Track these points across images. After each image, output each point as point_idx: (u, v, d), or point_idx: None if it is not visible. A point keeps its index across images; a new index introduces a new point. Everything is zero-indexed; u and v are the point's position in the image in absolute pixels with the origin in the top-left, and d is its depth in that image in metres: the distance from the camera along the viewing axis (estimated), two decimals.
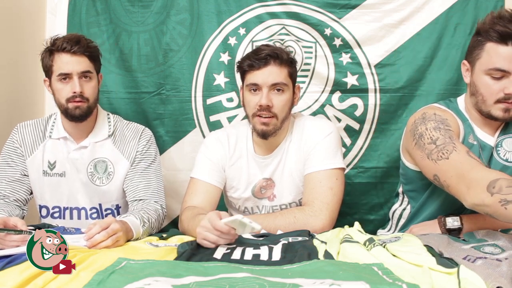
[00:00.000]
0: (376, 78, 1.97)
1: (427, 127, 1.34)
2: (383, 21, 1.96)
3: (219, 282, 0.84)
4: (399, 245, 1.11)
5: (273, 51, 1.50)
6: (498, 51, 1.28)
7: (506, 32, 1.25)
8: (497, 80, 1.29)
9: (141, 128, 1.71)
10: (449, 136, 1.29)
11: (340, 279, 0.81)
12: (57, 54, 1.55)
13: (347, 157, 2.00)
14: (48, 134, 1.65)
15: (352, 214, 1.97)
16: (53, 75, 1.56)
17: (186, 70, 2.04)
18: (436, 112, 1.39)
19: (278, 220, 1.43)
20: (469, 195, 1.15)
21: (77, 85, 1.54)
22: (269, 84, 1.49)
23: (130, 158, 1.64)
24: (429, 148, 1.31)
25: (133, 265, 0.96)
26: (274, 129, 1.51)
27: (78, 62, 1.55)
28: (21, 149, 1.64)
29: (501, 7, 1.91)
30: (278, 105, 1.50)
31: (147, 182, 1.63)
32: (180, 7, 2.04)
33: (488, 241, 1.12)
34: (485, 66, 1.31)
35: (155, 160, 1.68)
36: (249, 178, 1.61)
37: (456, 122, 1.39)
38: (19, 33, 1.98)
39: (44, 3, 2.12)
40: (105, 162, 1.64)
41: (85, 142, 1.63)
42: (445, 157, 1.26)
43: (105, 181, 1.64)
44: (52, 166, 1.64)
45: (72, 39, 1.56)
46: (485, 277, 0.85)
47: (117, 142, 1.66)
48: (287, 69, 1.52)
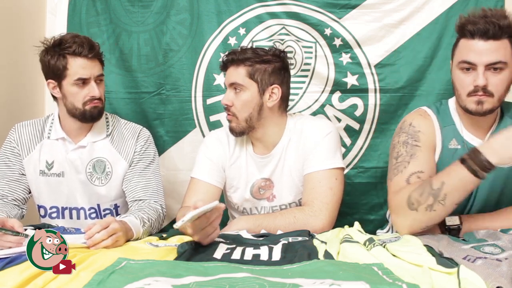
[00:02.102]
0: (376, 78, 1.97)
1: (399, 139, 1.42)
2: (383, 21, 1.96)
3: (219, 282, 0.84)
4: (399, 245, 1.11)
5: (233, 53, 1.55)
6: (466, 45, 1.32)
7: (474, 28, 1.29)
8: (467, 73, 1.32)
9: (139, 128, 1.70)
10: (411, 154, 1.36)
11: (340, 279, 0.81)
12: (72, 58, 1.53)
13: (347, 157, 2.00)
14: (46, 134, 1.65)
15: (352, 214, 1.96)
16: (66, 79, 1.54)
17: (186, 70, 2.04)
18: (412, 122, 1.43)
19: (278, 220, 1.43)
20: (401, 224, 1.28)
21: (96, 89, 1.56)
22: (228, 84, 1.57)
23: (128, 159, 1.64)
24: (392, 163, 1.40)
25: (133, 265, 0.96)
26: (238, 127, 1.56)
27: (94, 67, 1.57)
28: (18, 149, 1.64)
29: (501, 7, 1.91)
30: (236, 104, 1.55)
31: (146, 182, 1.63)
32: (180, 7, 2.04)
33: (488, 241, 1.13)
34: (456, 61, 1.35)
35: (154, 160, 1.68)
36: (248, 177, 1.62)
37: (433, 130, 1.41)
38: (19, 33, 1.98)
39: (44, 3, 2.12)
40: (103, 162, 1.63)
41: (83, 141, 1.63)
42: (392, 176, 1.38)
43: (104, 181, 1.64)
44: (50, 166, 1.64)
45: (85, 43, 1.55)
46: (485, 277, 0.85)
47: (115, 142, 1.66)
48: (245, 70, 1.53)
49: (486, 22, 1.28)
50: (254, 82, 1.54)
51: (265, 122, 1.57)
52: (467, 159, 1.20)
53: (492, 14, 1.29)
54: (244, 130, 1.57)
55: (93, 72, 1.56)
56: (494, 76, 1.29)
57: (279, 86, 1.55)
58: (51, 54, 1.55)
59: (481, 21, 1.28)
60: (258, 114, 1.55)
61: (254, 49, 1.58)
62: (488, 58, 1.28)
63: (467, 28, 1.31)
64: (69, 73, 1.53)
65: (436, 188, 1.23)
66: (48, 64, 1.55)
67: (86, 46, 1.54)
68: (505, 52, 1.29)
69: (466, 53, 1.31)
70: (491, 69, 1.29)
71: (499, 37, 1.28)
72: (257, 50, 1.56)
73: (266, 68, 1.54)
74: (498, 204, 1.38)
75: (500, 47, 1.29)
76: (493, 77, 1.29)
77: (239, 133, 1.58)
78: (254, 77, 1.54)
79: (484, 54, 1.28)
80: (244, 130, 1.57)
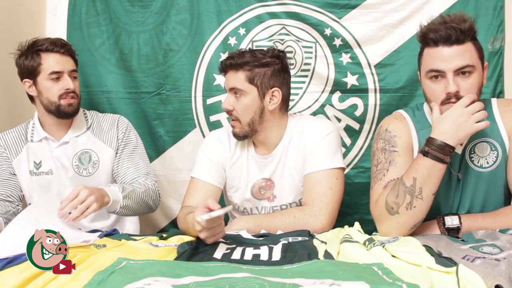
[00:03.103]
0: (376, 78, 1.98)
1: (378, 146, 1.43)
2: (383, 21, 1.96)
3: (219, 282, 0.84)
4: (397, 245, 1.11)
5: (231, 57, 1.54)
6: (431, 53, 1.31)
7: (436, 35, 1.28)
8: (436, 81, 1.31)
9: (117, 116, 1.78)
10: (390, 160, 1.37)
11: (340, 279, 0.81)
12: (45, 54, 1.61)
13: (347, 157, 2.00)
14: (29, 138, 1.70)
15: (352, 214, 1.97)
16: (40, 75, 1.62)
17: (186, 70, 2.05)
18: (388, 128, 1.43)
19: (278, 220, 1.43)
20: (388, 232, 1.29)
21: (70, 83, 1.62)
22: (228, 88, 1.56)
23: (113, 145, 1.71)
24: (372, 170, 1.42)
25: (133, 265, 0.96)
26: (241, 131, 1.55)
27: (67, 61, 1.65)
28: (6, 153, 1.69)
29: (501, 7, 1.92)
30: (237, 109, 1.54)
31: (135, 166, 1.70)
32: (180, 7, 2.04)
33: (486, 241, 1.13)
34: (424, 71, 1.34)
35: (138, 145, 1.75)
36: (248, 177, 1.62)
37: (408, 133, 1.42)
38: (19, 33, 1.98)
39: (44, 3, 2.12)
40: (87, 153, 1.70)
41: (66, 137, 1.69)
42: (373, 185, 1.39)
43: (92, 170, 1.69)
44: (38, 165, 1.69)
45: (57, 41, 1.65)
46: (484, 276, 0.85)
47: (96, 133, 1.72)
48: (245, 75, 1.52)
49: (447, 28, 1.27)
50: (254, 87, 1.53)
51: (267, 125, 1.56)
52: (428, 150, 1.25)
53: (452, 19, 1.29)
54: (247, 134, 1.56)
55: (66, 66, 1.63)
56: (464, 81, 1.28)
57: (279, 89, 1.54)
58: (25, 55, 1.64)
59: (442, 28, 1.27)
60: (260, 118, 1.55)
61: (253, 51, 1.56)
62: (455, 64, 1.27)
63: (429, 36, 1.30)
64: (43, 68, 1.61)
65: (409, 185, 1.25)
66: (23, 64, 1.64)
67: (58, 43, 1.63)
68: (470, 55, 1.28)
69: (433, 62, 1.30)
70: (459, 74, 1.28)
71: (462, 41, 1.27)
72: (256, 53, 1.54)
73: (265, 71, 1.53)
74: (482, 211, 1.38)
75: (465, 50, 1.28)
76: (463, 81, 1.28)
77: (243, 137, 1.57)
78: (254, 82, 1.53)
79: (451, 60, 1.27)
80: (247, 134, 1.56)
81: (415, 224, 1.28)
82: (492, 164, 1.36)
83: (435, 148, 1.24)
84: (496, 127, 1.36)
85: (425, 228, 1.34)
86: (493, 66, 1.93)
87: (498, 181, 1.37)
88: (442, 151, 1.24)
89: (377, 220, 1.33)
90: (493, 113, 1.38)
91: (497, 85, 1.95)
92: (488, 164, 1.36)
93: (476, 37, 1.32)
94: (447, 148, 1.24)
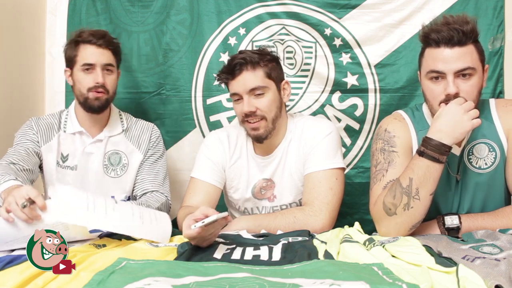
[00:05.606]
0: (376, 78, 1.97)
1: (377, 147, 1.43)
2: (383, 21, 1.96)
3: (219, 282, 0.84)
4: (397, 245, 1.11)
5: (243, 58, 1.50)
6: (432, 54, 1.31)
7: (438, 36, 1.28)
8: (436, 82, 1.31)
9: (151, 124, 1.80)
10: (389, 161, 1.37)
11: (340, 279, 0.81)
12: (82, 45, 1.62)
13: (347, 157, 2.00)
14: (62, 127, 1.69)
15: (352, 214, 1.96)
16: (76, 65, 1.63)
17: (186, 70, 2.05)
18: (387, 128, 1.43)
19: (278, 220, 1.43)
20: (387, 232, 1.29)
21: (100, 76, 1.61)
22: (247, 90, 1.49)
23: (143, 150, 1.72)
24: (372, 171, 1.42)
25: (133, 265, 0.96)
26: (266, 131, 1.51)
27: (102, 54, 1.63)
28: (37, 136, 1.66)
29: (501, 7, 1.92)
30: (262, 107, 1.50)
31: (155, 175, 1.70)
32: (180, 7, 2.04)
33: (486, 241, 1.13)
34: (424, 71, 1.34)
35: (163, 155, 1.77)
36: (249, 178, 1.62)
37: (408, 134, 1.42)
38: (19, 33, 1.98)
39: (44, 3, 2.12)
40: (118, 154, 1.70)
41: (101, 135, 1.69)
42: (372, 186, 1.39)
43: (120, 172, 1.70)
44: (64, 159, 1.68)
45: (98, 32, 1.64)
46: (484, 276, 0.85)
47: (129, 136, 1.73)
48: (263, 71, 1.50)
49: (449, 29, 1.27)
50: (272, 81, 1.52)
51: (279, 122, 1.56)
52: (425, 151, 1.25)
53: (454, 20, 1.28)
54: (270, 132, 1.52)
55: (99, 59, 1.62)
56: (464, 83, 1.28)
57: (287, 81, 1.57)
58: (69, 44, 1.66)
59: (444, 29, 1.27)
60: (280, 112, 1.55)
61: (252, 51, 1.56)
62: (456, 65, 1.27)
63: (431, 37, 1.30)
64: (78, 59, 1.62)
65: (406, 186, 1.25)
66: (66, 53, 1.67)
67: (97, 35, 1.62)
68: (472, 57, 1.28)
69: (433, 63, 1.30)
70: (460, 76, 1.28)
71: (464, 43, 1.27)
72: (258, 50, 1.55)
73: (274, 65, 1.54)
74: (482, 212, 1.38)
75: (466, 52, 1.27)
76: (463, 84, 1.28)
77: (266, 137, 1.53)
78: (271, 76, 1.52)
79: (452, 61, 1.27)
80: (270, 132, 1.52)
81: (413, 225, 1.28)
82: (490, 165, 1.36)
83: (431, 148, 1.24)
84: (494, 128, 1.36)
85: (425, 228, 1.34)
86: (493, 66, 1.93)
87: (497, 182, 1.37)
88: (438, 151, 1.24)
89: (376, 221, 1.34)
90: (491, 114, 1.38)
91: (497, 85, 1.95)
92: (487, 165, 1.36)
93: (478, 39, 1.31)
94: (443, 147, 1.24)
